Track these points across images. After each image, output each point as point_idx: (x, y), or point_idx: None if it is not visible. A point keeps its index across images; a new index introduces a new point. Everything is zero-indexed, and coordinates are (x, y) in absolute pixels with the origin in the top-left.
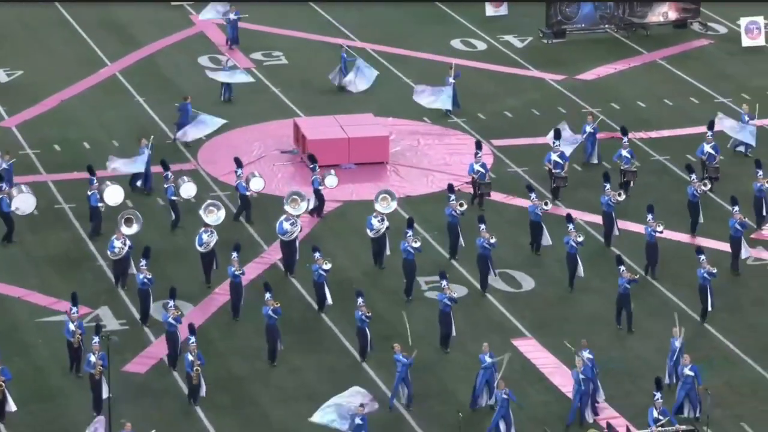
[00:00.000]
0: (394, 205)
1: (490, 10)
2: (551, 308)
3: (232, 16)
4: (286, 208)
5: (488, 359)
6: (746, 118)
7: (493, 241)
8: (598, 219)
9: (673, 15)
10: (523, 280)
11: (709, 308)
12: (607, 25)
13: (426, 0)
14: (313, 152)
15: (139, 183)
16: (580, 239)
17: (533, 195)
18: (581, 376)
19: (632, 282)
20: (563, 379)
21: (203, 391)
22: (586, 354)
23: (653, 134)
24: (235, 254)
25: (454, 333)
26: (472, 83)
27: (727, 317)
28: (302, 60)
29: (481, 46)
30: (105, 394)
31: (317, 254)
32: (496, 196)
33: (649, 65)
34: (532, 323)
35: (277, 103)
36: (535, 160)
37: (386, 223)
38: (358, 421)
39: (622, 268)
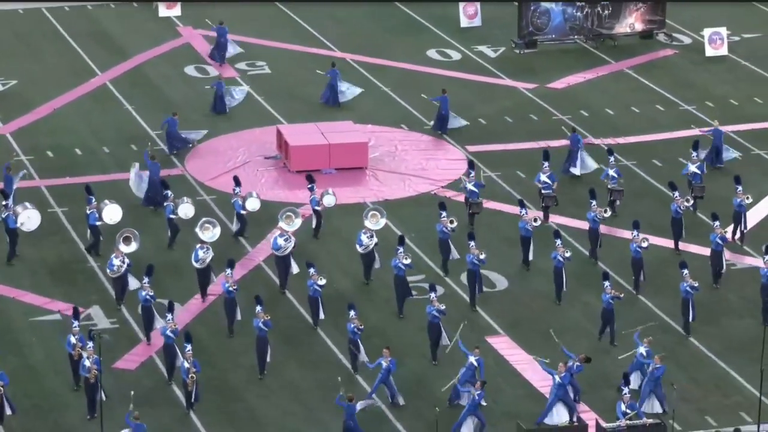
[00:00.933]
0: (383, 221)
1: (464, 21)
2: (524, 307)
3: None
4: (281, 224)
5: (473, 360)
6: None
7: (482, 257)
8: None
9: (639, 26)
10: (497, 281)
11: (690, 320)
12: (576, 36)
13: (400, 0)
14: (296, 157)
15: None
16: (568, 255)
17: (524, 211)
18: (558, 381)
19: (615, 299)
20: (535, 374)
21: (195, 397)
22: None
23: (621, 140)
24: (228, 270)
25: (446, 342)
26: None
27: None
28: (285, 70)
29: (456, 56)
30: (103, 397)
31: (312, 270)
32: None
33: (617, 74)
34: (506, 321)
35: (261, 110)
36: (508, 165)
37: (375, 239)
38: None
39: (607, 283)
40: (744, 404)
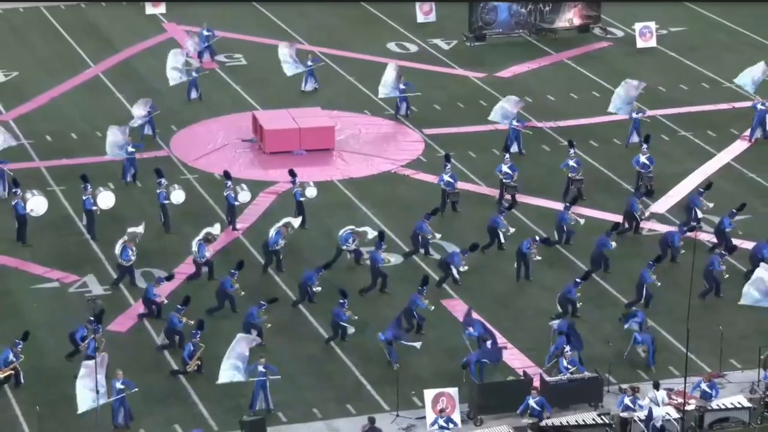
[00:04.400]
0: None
1: (420, 17)
2: (474, 271)
3: (205, 32)
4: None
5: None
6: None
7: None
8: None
9: (577, 21)
10: (449, 248)
11: (644, 300)
12: (521, 30)
13: (364, 0)
14: (269, 140)
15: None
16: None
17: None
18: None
19: (536, 242)
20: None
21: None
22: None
23: (561, 123)
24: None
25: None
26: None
27: (627, 280)
28: (259, 61)
29: (413, 48)
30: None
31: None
32: (427, 177)
33: (557, 64)
34: (461, 287)
35: (238, 98)
36: (460, 146)
37: (357, 242)
38: (260, 368)
39: (533, 238)
40: (672, 359)
